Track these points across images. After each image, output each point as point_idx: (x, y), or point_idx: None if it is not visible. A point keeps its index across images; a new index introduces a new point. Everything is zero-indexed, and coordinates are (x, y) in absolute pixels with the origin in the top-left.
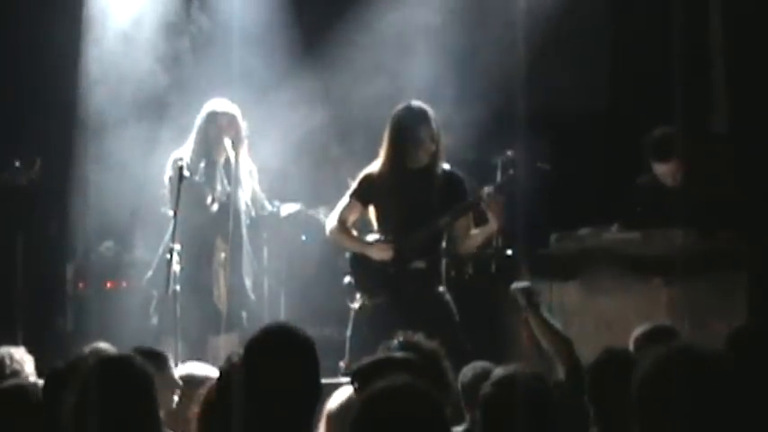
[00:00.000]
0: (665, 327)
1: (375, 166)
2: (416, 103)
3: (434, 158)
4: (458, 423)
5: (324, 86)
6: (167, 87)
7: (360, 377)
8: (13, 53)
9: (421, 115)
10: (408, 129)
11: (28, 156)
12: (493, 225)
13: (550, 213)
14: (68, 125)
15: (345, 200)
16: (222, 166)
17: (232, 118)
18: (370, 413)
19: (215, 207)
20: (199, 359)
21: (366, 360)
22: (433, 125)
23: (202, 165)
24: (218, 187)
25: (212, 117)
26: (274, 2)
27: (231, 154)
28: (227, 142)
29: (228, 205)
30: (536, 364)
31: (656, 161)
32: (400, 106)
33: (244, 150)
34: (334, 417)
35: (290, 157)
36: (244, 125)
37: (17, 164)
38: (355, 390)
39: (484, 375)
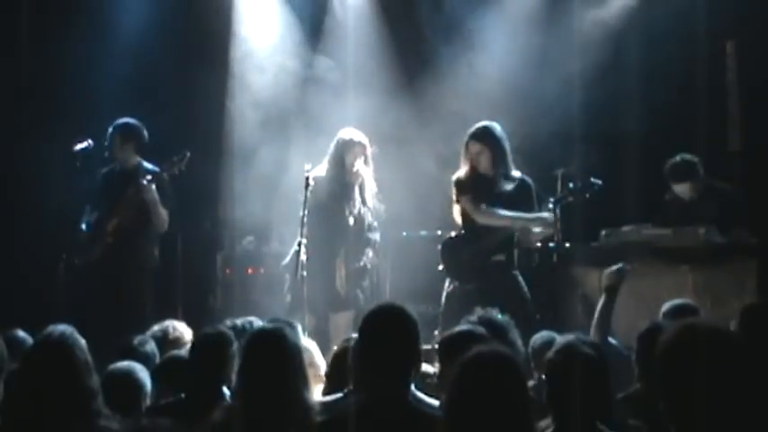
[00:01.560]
0: (688, 304)
1: (461, 172)
2: (481, 123)
3: (493, 168)
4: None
5: (419, 105)
6: (296, 115)
7: (443, 347)
8: (180, 92)
9: (473, 134)
10: (465, 144)
11: (180, 151)
12: (547, 230)
13: (601, 213)
14: (220, 147)
15: (467, 195)
16: (357, 186)
17: (364, 146)
18: (468, 372)
19: (351, 221)
20: (323, 331)
21: (447, 334)
22: (484, 142)
23: (339, 185)
24: (356, 205)
25: (349, 145)
26: (380, 47)
27: (366, 176)
28: (362, 167)
29: (358, 218)
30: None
31: (674, 183)
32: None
33: (370, 173)
34: None
35: (387, 165)
36: (370, 151)
37: (174, 158)
38: (439, 358)
39: (549, 343)
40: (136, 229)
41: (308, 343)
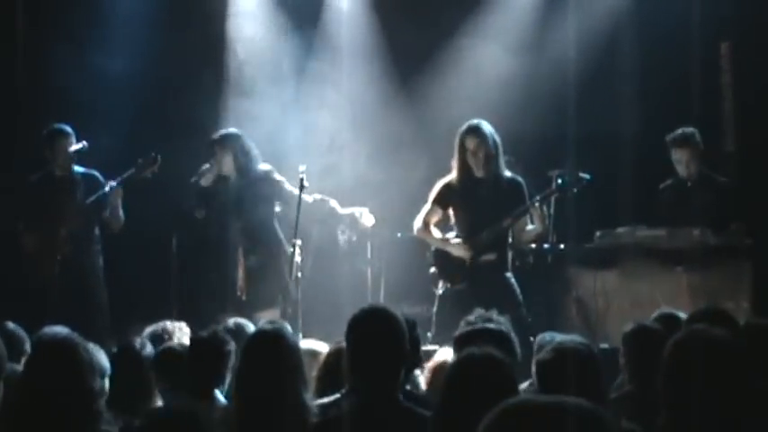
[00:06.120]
0: (672, 313)
1: (450, 176)
2: (474, 120)
3: (488, 165)
4: (522, 381)
5: (414, 106)
6: (293, 118)
7: (459, 342)
8: (176, 93)
9: (470, 129)
10: (460, 141)
11: (150, 155)
12: (538, 227)
13: (595, 215)
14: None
15: (428, 206)
16: (232, 176)
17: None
18: (459, 373)
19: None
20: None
21: (464, 329)
22: (481, 137)
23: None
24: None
25: None
26: (375, 50)
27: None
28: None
29: (239, 216)
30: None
31: (674, 147)
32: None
33: (249, 161)
34: (437, 370)
35: (382, 166)
36: (242, 144)
37: (140, 161)
38: (456, 350)
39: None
40: (87, 234)
41: (320, 346)
